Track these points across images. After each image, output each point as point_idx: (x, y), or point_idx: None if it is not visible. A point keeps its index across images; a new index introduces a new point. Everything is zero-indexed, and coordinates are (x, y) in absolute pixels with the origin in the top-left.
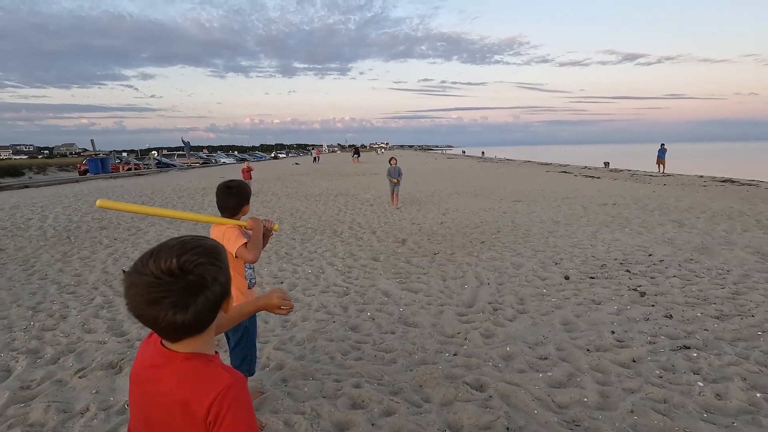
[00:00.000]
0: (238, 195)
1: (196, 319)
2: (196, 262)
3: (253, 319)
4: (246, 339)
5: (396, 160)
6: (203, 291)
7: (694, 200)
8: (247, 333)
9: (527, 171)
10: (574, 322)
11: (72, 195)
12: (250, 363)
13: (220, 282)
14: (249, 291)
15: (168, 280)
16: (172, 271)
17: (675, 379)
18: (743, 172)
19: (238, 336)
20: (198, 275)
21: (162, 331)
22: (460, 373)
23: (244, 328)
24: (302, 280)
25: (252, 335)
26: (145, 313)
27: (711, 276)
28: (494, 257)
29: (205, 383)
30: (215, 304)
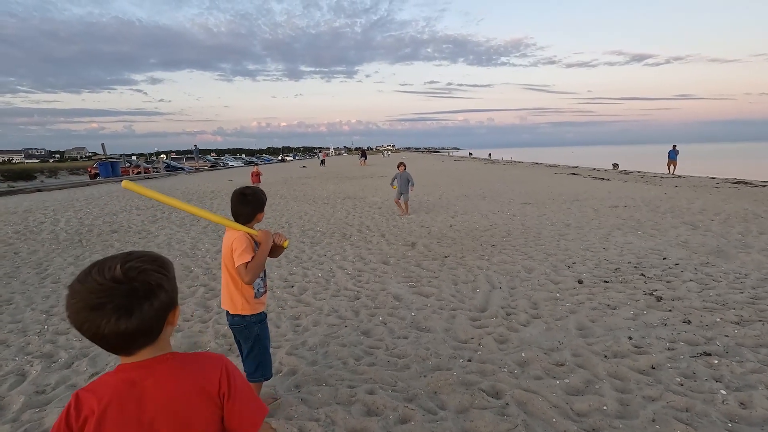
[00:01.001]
0: (254, 202)
1: (142, 326)
2: (141, 269)
3: (263, 325)
4: (258, 345)
5: (405, 166)
6: (148, 297)
7: (707, 202)
8: (258, 340)
9: (535, 173)
10: (590, 327)
11: (83, 198)
12: (265, 368)
13: (166, 289)
14: (256, 300)
15: (111, 285)
16: (115, 278)
17: (696, 386)
18: (756, 173)
19: (250, 343)
20: (142, 281)
21: (107, 341)
22: (475, 380)
23: (255, 335)
24: (312, 284)
25: (264, 341)
26: (87, 320)
27: (729, 280)
28: (505, 261)
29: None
30: (161, 311)
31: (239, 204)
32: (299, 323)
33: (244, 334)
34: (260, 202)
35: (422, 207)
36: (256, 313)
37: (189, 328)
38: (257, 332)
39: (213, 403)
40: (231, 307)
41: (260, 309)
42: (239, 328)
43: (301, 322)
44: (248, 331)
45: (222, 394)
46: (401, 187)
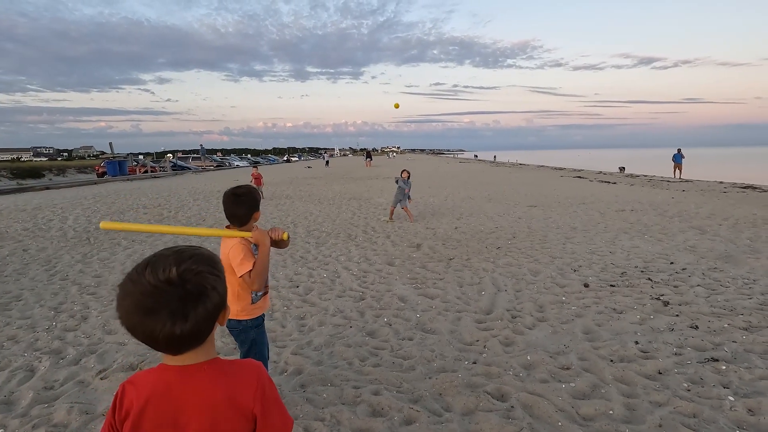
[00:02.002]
0: (248, 202)
1: (195, 329)
2: (196, 271)
3: (260, 330)
4: (254, 351)
5: (408, 174)
6: (203, 300)
7: (715, 207)
8: (254, 345)
9: (541, 175)
10: (596, 331)
11: (91, 197)
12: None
13: (219, 291)
14: (253, 306)
15: (166, 289)
16: (171, 280)
17: (704, 392)
18: (765, 178)
19: (246, 348)
20: (197, 284)
21: (159, 344)
22: (480, 382)
23: (252, 340)
24: (318, 284)
25: (260, 346)
26: (141, 324)
27: (737, 286)
28: (511, 263)
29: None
30: (214, 314)
31: (233, 205)
32: (305, 323)
33: (240, 338)
34: (255, 201)
35: (428, 209)
36: (253, 318)
37: None
38: (253, 337)
39: (245, 419)
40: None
41: (257, 313)
42: (235, 331)
43: (307, 322)
44: (244, 335)
45: (255, 411)
46: (403, 195)
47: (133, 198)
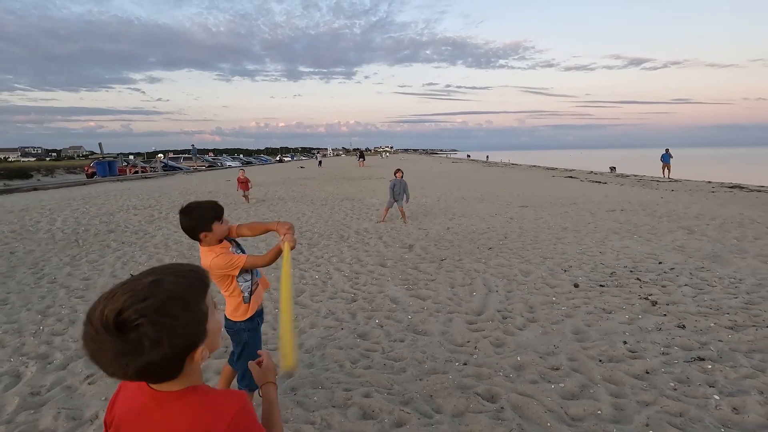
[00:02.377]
0: (195, 218)
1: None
2: (136, 322)
3: (253, 333)
4: (246, 353)
5: (402, 173)
6: (140, 355)
7: (704, 207)
8: (247, 347)
9: (533, 175)
10: (586, 332)
11: (80, 198)
12: (251, 379)
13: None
14: (246, 305)
15: (104, 337)
16: (107, 328)
17: (690, 391)
18: (751, 178)
19: (239, 350)
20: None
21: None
22: (471, 383)
23: (244, 342)
24: (310, 285)
25: (253, 349)
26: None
27: (723, 285)
28: (502, 264)
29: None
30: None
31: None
32: (296, 325)
33: (235, 339)
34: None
35: (420, 210)
36: (246, 320)
37: None
38: (246, 339)
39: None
40: (226, 312)
41: (250, 314)
42: (230, 331)
43: (298, 324)
44: (238, 336)
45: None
46: (398, 194)
47: (123, 199)
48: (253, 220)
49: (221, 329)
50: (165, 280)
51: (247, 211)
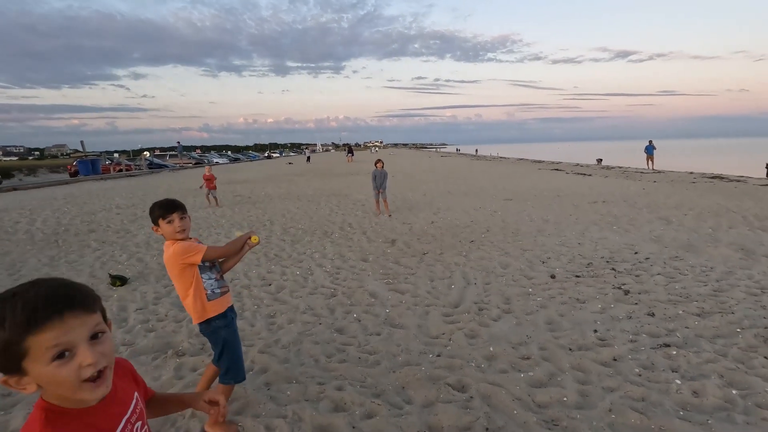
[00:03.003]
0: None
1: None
2: None
3: (230, 330)
4: (227, 351)
5: (383, 164)
6: None
7: (683, 197)
8: (227, 345)
9: (520, 169)
10: (558, 322)
11: (62, 197)
12: (237, 372)
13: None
14: (211, 303)
15: None
16: None
17: (654, 377)
18: (732, 168)
19: (219, 349)
20: None
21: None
22: (442, 374)
23: (223, 340)
24: (290, 282)
25: (232, 346)
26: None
27: (695, 273)
28: (483, 257)
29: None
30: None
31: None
32: (274, 321)
33: (213, 339)
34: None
35: (405, 204)
36: (218, 315)
37: (162, 328)
38: (224, 336)
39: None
40: (194, 317)
41: (221, 309)
42: (207, 333)
43: (276, 321)
44: (216, 336)
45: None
46: (380, 184)
47: (106, 198)
48: (235, 221)
49: (71, 382)
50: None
51: (231, 209)
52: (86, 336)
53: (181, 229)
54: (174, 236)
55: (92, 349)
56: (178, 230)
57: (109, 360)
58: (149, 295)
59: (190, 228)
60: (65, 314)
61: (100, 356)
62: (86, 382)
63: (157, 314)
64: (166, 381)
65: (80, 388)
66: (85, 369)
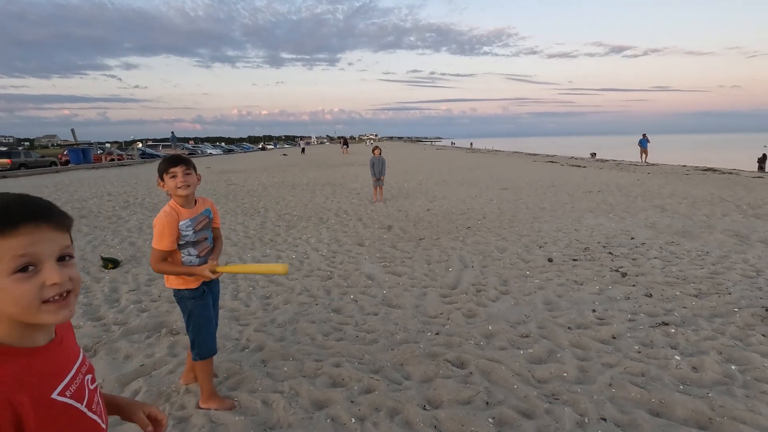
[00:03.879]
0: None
1: None
2: None
3: (199, 302)
4: (192, 322)
5: (380, 150)
6: None
7: (677, 187)
8: (192, 316)
9: (515, 161)
10: (556, 302)
11: (52, 185)
12: (200, 347)
13: None
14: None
15: None
16: None
17: (653, 353)
18: (725, 162)
19: (185, 318)
20: None
21: None
22: (441, 351)
23: (189, 311)
24: None
25: (198, 318)
26: None
27: (691, 257)
28: (479, 242)
29: None
30: None
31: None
32: (269, 302)
33: (180, 307)
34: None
35: (401, 193)
36: (190, 288)
37: (156, 308)
38: (190, 308)
39: None
40: (166, 280)
41: (194, 285)
42: (176, 299)
43: (272, 301)
44: (182, 305)
45: None
46: (378, 172)
47: (97, 186)
48: (229, 208)
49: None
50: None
51: (226, 197)
52: (56, 254)
53: (184, 185)
54: (176, 192)
55: (60, 269)
56: (180, 185)
57: (75, 285)
58: (142, 277)
59: (195, 186)
60: (41, 223)
61: (66, 278)
62: (47, 303)
63: (150, 295)
64: (159, 358)
65: (39, 310)
66: (49, 288)
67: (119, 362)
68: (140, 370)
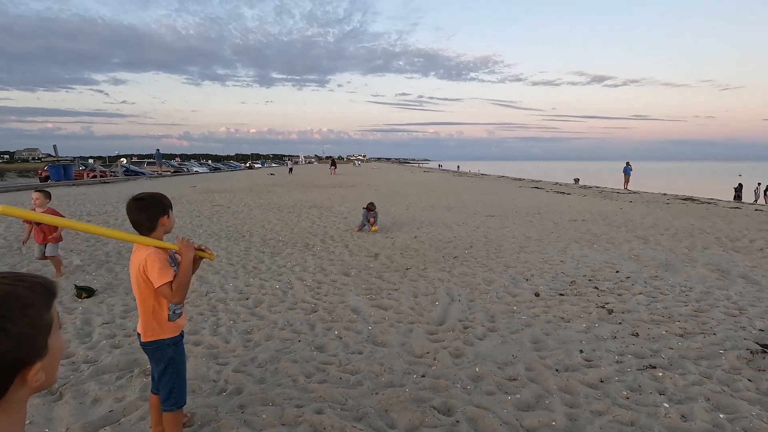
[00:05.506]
0: (152, 207)
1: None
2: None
3: (179, 348)
4: (171, 370)
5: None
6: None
7: (658, 217)
8: (172, 363)
9: (501, 186)
10: (544, 341)
11: (29, 202)
12: (178, 396)
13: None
14: (171, 323)
15: None
16: None
17: (641, 399)
18: (702, 191)
19: (161, 367)
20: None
21: None
22: (427, 396)
23: (169, 358)
24: (269, 296)
25: (179, 365)
26: None
27: (675, 293)
28: (466, 273)
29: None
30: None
31: (136, 212)
32: (251, 338)
33: (156, 357)
34: (160, 205)
35: (388, 218)
36: (172, 336)
37: (129, 344)
38: (171, 355)
39: None
40: (143, 333)
41: (175, 332)
42: (150, 349)
43: (253, 337)
44: (160, 353)
45: None
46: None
47: (76, 204)
48: (212, 231)
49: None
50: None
51: (210, 219)
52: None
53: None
54: (169, 230)
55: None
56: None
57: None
58: (117, 308)
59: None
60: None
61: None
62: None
63: (125, 329)
64: (130, 402)
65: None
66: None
67: (86, 407)
68: (108, 416)
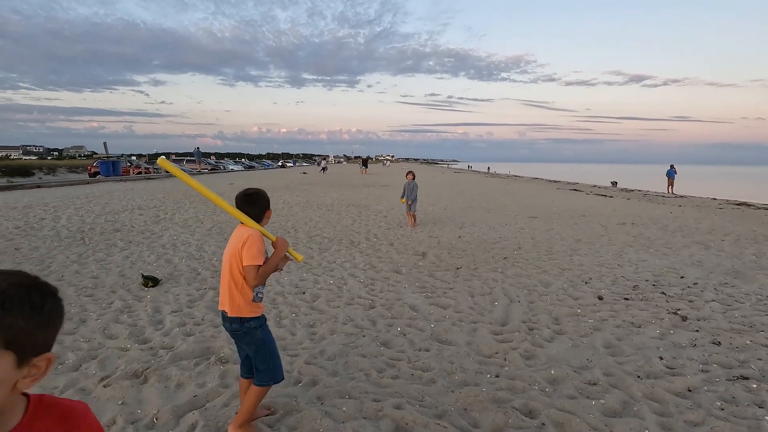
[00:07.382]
0: (260, 201)
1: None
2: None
3: (265, 329)
4: (264, 350)
5: (413, 175)
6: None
7: (714, 222)
8: (263, 344)
9: (537, 187)
10: (617, 346)
11: (83, 196)
12: (275, 372)
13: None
14: (254, 303)
15: None
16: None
17: (739, 412)
18: (757, 196)
19: (254, 348)
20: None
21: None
22: (506, 397)
23: (259, 340)
24: (325, 291)
25: (270, 344)
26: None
27: (752, 302)
28: (520, 274)
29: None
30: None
31: (246, 206)
32: (315, 331)
33: (246, 340)
34: (265, 200)
35: (428, 218)
36: (256, 317)
37: (200, 333)
38: (260, 336)
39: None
40: (230, 309)
41: (259, 312)
42: (239, 334)
43: (317, 331)
44: (249, 337)
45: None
46: (410, 197)
47: (127, 199)
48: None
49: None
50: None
51: None
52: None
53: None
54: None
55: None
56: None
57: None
58: (182, 297)
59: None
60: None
61: None
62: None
63: (194, 317)
64: (211, 389)
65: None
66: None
67: (171, 391)
68: (194, 401)
